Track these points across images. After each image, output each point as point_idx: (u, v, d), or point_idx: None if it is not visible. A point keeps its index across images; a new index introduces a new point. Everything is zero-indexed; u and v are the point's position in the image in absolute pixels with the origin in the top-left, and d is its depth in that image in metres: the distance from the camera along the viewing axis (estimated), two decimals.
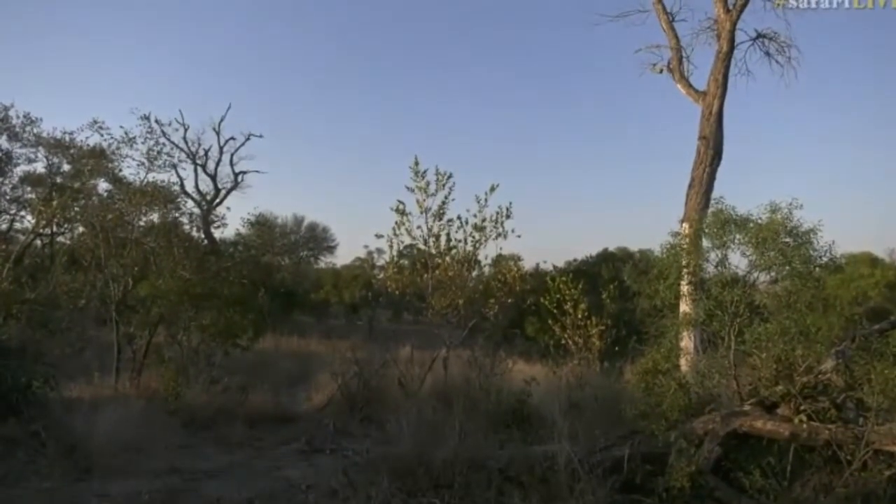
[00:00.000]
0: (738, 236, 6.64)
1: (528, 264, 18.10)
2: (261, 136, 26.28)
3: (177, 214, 12.72)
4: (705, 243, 7.04)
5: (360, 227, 58.05)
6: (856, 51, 43.10)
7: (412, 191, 8.96)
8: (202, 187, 25.56)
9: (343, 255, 37.37)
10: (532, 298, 9.95)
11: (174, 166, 22.34)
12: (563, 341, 9.25)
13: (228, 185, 25.94)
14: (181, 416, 7.71)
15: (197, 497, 5.26)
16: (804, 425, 4.70)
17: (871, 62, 47.30)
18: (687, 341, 8.02)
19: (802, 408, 4.78)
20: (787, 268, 6.39)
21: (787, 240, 6.43)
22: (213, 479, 5.78)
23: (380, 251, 29.91)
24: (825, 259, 6.52)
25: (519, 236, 9.17)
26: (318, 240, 32.88)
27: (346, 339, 16.27)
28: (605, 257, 24.36)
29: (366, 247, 33.10)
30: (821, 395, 4.92)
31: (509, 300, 9.30)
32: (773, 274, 6.69)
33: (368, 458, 5.96)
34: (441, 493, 4.91)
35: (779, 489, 4.45)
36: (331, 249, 33.48)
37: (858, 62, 45.59)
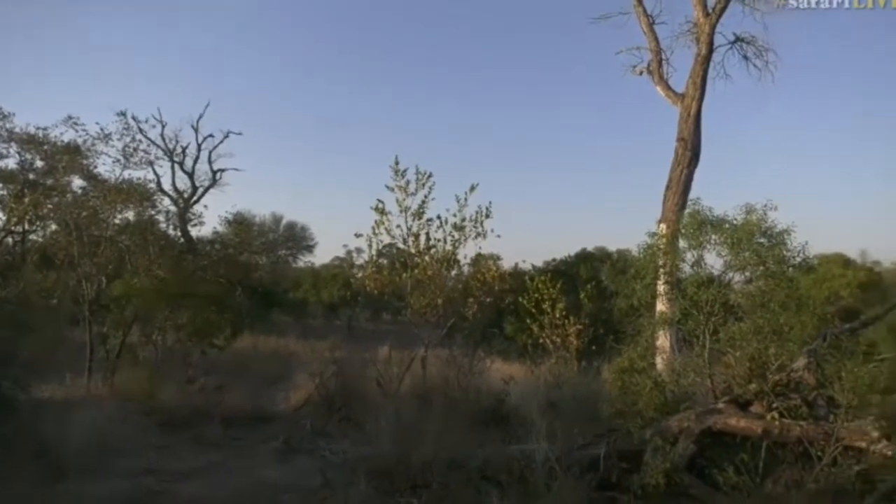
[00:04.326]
0: (713, 237, 6.75)
1: (507, 264, 18.12)
2: (240, 134, 26.18)
3: (153, 212, 12.59)
4: (682, 244, 7.13)
5: (340, 226, 57.73)
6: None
7: (392, 190, 8.91)
8: (179, 185, 25.23)
9: (322, 255, 36.94)
10: (511, 298, 9.94)
11: (151, 163, 21.85)
12: (541, 341, 9.27)
13: (206, 183, 25.63)
14: (157, 417, 7.62)
15: (173, 498, 5.21)
16: (776, 422, 4.78)
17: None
18: (663, 340, 8.08)
19: (775, 405, 4.87)
20: (762, 268, 6.50)
21: (762, 240, 6.54)
22: (189, 479, 5.72)
23: (359, 250, 29.70)
24: (798, 259, 6.64)
25: (499, 236, 9.13)
26: (297, 239, 32.56)
27: (324, 339, 16.12)
28: (584, 257, 24.42)
29: (345, 246, 32.90)
30: (793, 393, 5.01)
31: (488, 300, 9.30)
32: (747, 274, 6.80)
33: (346, 458, 5.94)
34: (419, 493, 4.91)
35: (752, 485, 4.52)
36: (309, 248, 33.13)
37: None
